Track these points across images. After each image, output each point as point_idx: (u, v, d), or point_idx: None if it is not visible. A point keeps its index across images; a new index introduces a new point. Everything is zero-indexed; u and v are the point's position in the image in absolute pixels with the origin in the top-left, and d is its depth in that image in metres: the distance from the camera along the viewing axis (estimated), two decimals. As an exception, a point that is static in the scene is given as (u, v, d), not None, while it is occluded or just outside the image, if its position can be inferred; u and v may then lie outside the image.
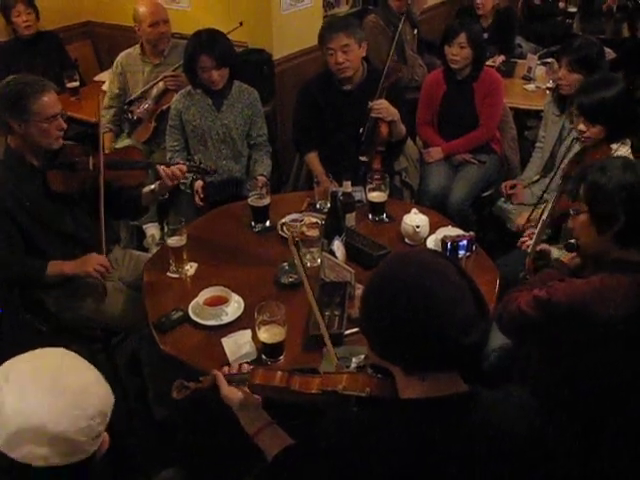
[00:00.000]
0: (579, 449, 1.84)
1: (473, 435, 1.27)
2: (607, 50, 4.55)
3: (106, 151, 3.75)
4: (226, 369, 1.80)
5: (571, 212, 2.00)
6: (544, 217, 2.54)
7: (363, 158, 3.25)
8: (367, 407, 1.43)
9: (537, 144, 3.58)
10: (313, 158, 3.42)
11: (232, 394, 1.71)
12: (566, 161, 3.17)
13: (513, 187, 3.44)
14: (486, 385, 1.38)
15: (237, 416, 1.71)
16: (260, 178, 3.22)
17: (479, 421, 1.29)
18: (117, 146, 3.84)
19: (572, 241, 2.11)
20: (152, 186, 2.72)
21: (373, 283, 1.36)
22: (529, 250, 2.49)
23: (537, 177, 3.41)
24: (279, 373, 1.64)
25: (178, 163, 2.76)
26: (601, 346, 1.83)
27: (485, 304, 1.31)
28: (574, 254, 2.14)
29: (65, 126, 2.51)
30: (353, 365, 1.82)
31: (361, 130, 3.23)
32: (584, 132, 2.72)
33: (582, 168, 2.05)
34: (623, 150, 2.73)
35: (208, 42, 3.12)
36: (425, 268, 1.29)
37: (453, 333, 1.23)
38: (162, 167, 2.65)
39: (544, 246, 2.48)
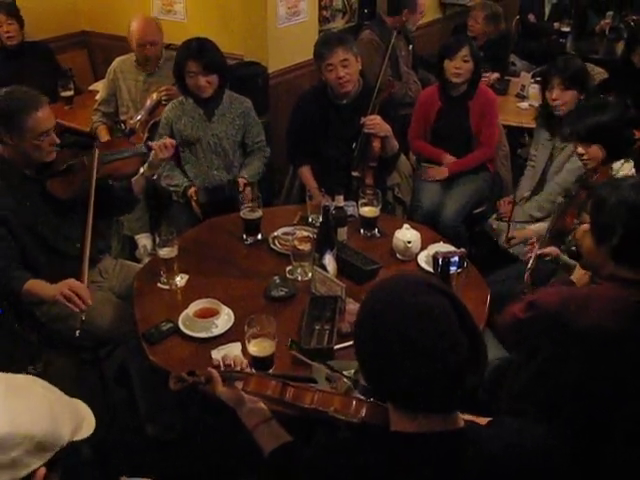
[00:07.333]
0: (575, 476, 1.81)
1: (464, 473, 1.23)
2: (599, 70, 4.61)
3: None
4: (221, 363, 1.78)
5: (575, 222, 2.06)
6: (545, 234, 2.56)
7: (355, 173, 3.26)
8: (357, 433, 1.41)
9: (528, 162, 3.60)
10: (306, 172, 3.42)
11: (227, 393, 1.70)
12: (558, 180, 3.20)
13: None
14: (475, 405, 1.35)
15: (236, 411, 1.69)
16: (240, 180, 3.24)
17: (471, 459, 1.24)
18: None
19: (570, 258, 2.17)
20: (141, 169, 2.75)
21: (363, 321, 1.30)
22: (528, 266, 2.50)
23: (528, 194, 3.43)
24: (273, 382, 1.63)
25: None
26: (580, 360, 1.82)
27: (480, 345, 1.24)
28: (584, 273, 2.17)
29: (58, 141, 2.50)
30: (345, 375, 1.81)
31: (354, 145, 3.24)
32: (583, 155, 2.74)
33: (594, 184, 2.11)
34: (627, 167, 2.74)
35: (196, 49, 3.18)
36: (416, 314, 1.21)
37: (443, 382, 1.19)
38: (153, 143, 2.72)
39: (553, 249, 2.51)
